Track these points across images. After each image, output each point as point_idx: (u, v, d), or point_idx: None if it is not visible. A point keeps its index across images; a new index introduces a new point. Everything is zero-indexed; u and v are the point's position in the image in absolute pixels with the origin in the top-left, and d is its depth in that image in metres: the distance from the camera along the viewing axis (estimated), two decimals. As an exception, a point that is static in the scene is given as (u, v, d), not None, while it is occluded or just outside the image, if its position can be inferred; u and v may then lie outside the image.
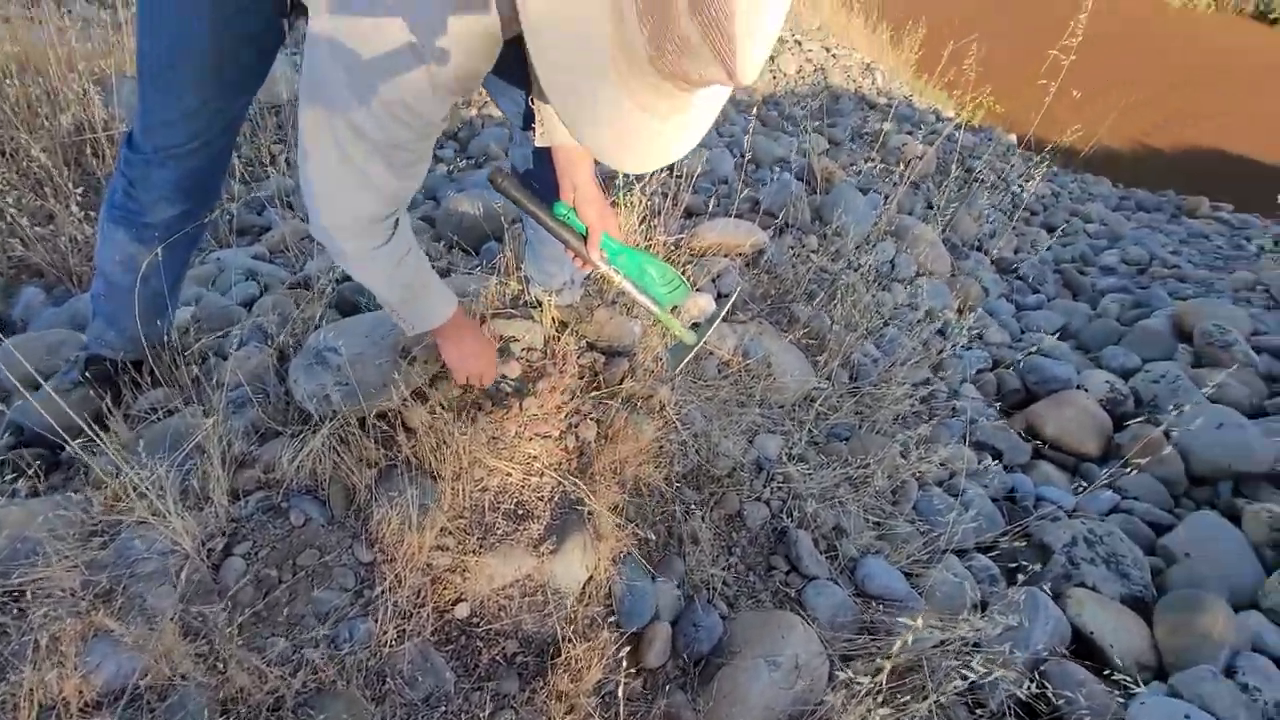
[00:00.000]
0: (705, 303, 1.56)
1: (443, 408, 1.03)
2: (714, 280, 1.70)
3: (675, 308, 1.06)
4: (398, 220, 0.79)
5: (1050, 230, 3.68)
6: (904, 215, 2.77)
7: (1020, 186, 4.28)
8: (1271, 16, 10.32)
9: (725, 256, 1.86)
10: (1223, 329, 2.13)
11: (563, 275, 1.24)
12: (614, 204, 1.72)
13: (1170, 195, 5.16)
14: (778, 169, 2.77)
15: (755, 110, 4.05)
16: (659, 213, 1.92)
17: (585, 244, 0.93)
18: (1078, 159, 5.88)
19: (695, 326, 0.98)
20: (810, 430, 1.51)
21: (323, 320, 1.27)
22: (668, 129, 0.66)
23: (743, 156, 2.90)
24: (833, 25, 6.38)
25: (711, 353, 1.45)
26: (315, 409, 0.97)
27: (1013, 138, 5.53)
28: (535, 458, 1.09)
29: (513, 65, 0.75)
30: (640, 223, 1.82)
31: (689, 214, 2.19)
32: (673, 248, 1.75)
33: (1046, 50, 2.94)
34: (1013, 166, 4.60)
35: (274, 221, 1.95)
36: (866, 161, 3.64)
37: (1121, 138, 7.02)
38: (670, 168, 2.53)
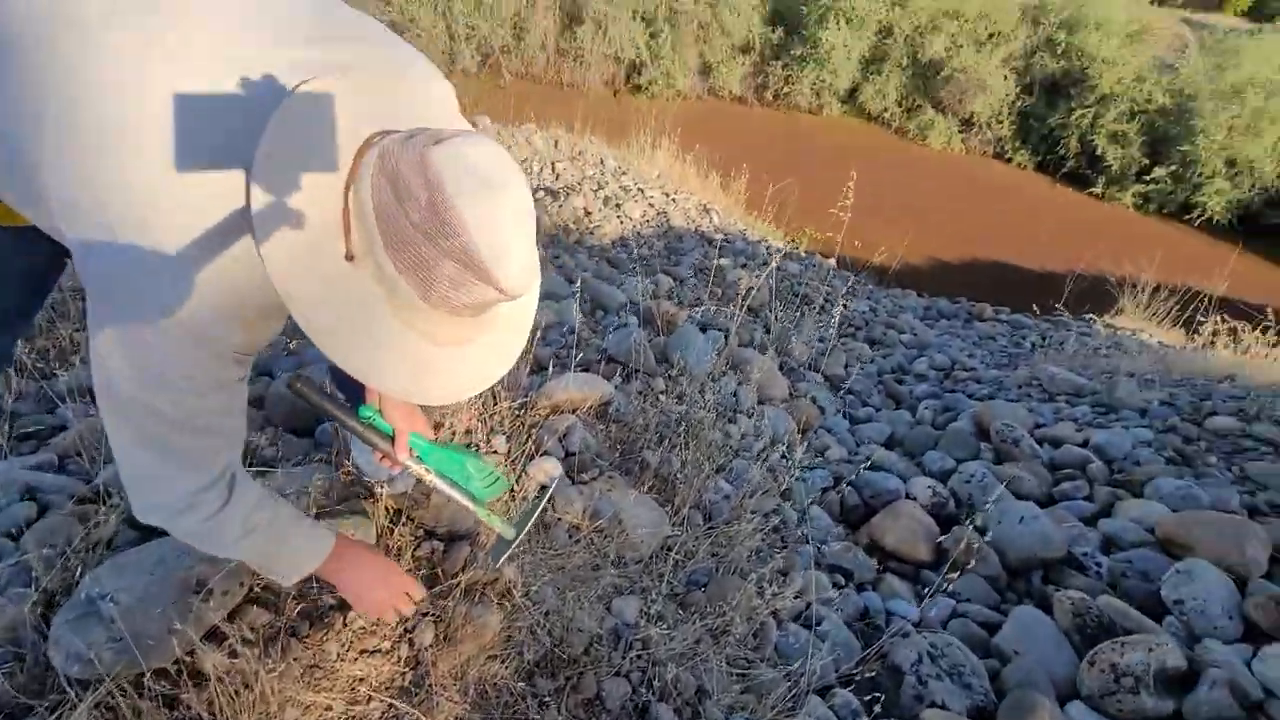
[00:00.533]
0: (551, 467, 1.57)
1: (246, 643, 0.93)
2: (561, 439, 1.73)
3: (501, 501, 1.05)
4: (233, 478, 0.73)
5: (872, 344, 4.16)
6: (743, 348, 3.03)
7: (844, 306, 4.88)
8: (1007, 157, 13.04)
9: (574, 412, 1.91)
10: (1010, 427, 2.47)
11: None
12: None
13: (963, 302, 6.08)
14: (624, 313, 2.96)
15: (603, 255, 4.37)
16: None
17: (393, 445, 0.92)
18: (888, 275, 6.86)
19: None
20: (669, 582, 1.52)
21: (113, 543, 1.13)
22: (475, 351, 0.70)
23: (590, 304, 3.08)
24: (670, 174, 7.18)
25: (549, 527, 1.45)
26: (79, 674, 0.83)
27: (832, 262, 6.36)
28: (361, 680, 0.99)
29: None
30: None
31: (539, 367, 2.26)
32: (519, 410, 1.77)
33: (844, 189, 3.49)
34: (835, 288, 5.25)
35: (68, 420, 1.74)
36: (708, 296, 4.00)
37: (919, 255, 8.31)
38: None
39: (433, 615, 1.11)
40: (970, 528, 1.84)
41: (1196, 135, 11.47)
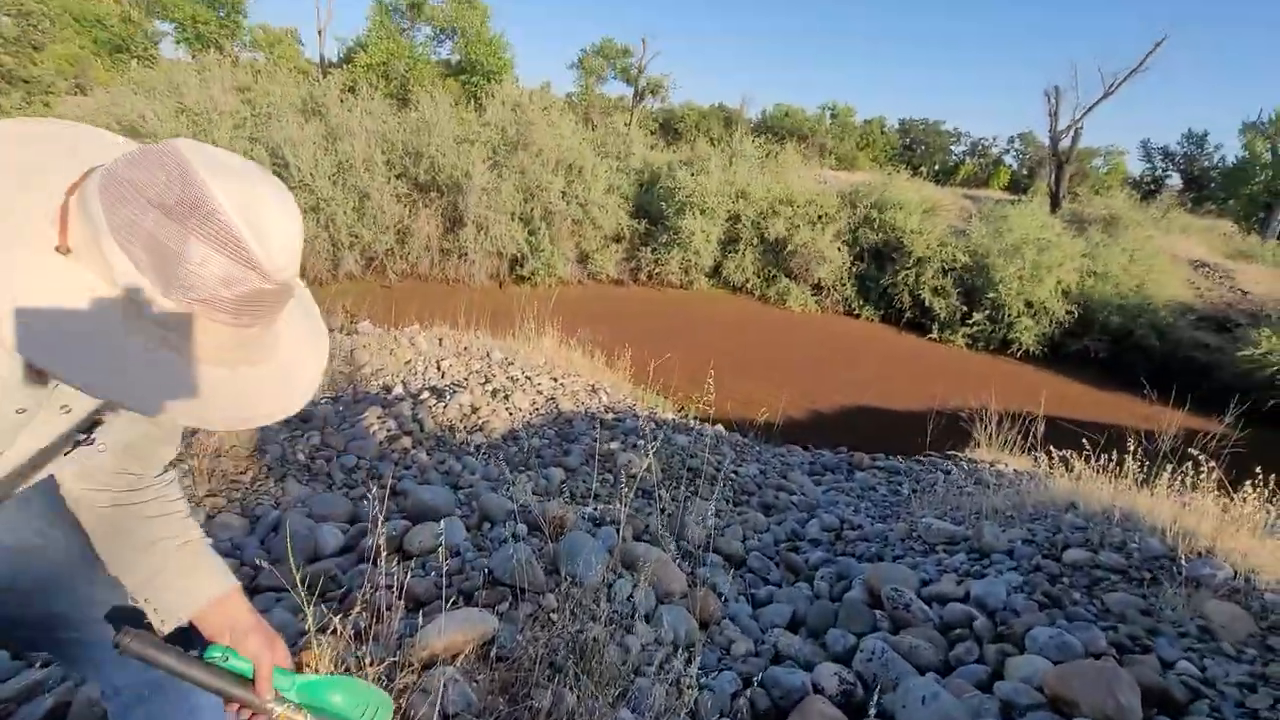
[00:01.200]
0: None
1: None
2: (438, 702, 1.56)
3: None
4: None
5: (766, 509, 4.26)
6: (637, 541, 3.00)
7: (734, 473, 5.04)
8: (856, 313, 14.88)
9: (454, 659, 1.76)
10: (899, 592, 2.54)
11: None
12: (303, 633, 1.57)
13: (844, 452, 6.47)
14: (511, 522, 2.87)
15: (493, 453, 4.31)
16: (378, 617, 1.80)
17: (253, 687, 0.78)
18: (773, 432, 7.25)
19: None
20: None
21: None
22: (258, 374, 0.62)
23: (477, 515, 2.97)
24: (556, 359, 7.45)
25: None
26: None
27: (719, 428, 6.66)
28: None
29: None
30: (349, 645, 1.67)
31: (417, 605, 2.09)
32: (388, 672, 1.60)
33: (722, 356, 3.75)
34: (724, 455, 5.45)
35: None
36: (599, 483, 4.00)
37: (797, 408, 8.92)
38: (400, 554, 2.46)
39: None
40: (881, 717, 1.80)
41: (997, 285, 13.74)
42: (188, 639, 0.80)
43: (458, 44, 26.37)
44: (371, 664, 1.57)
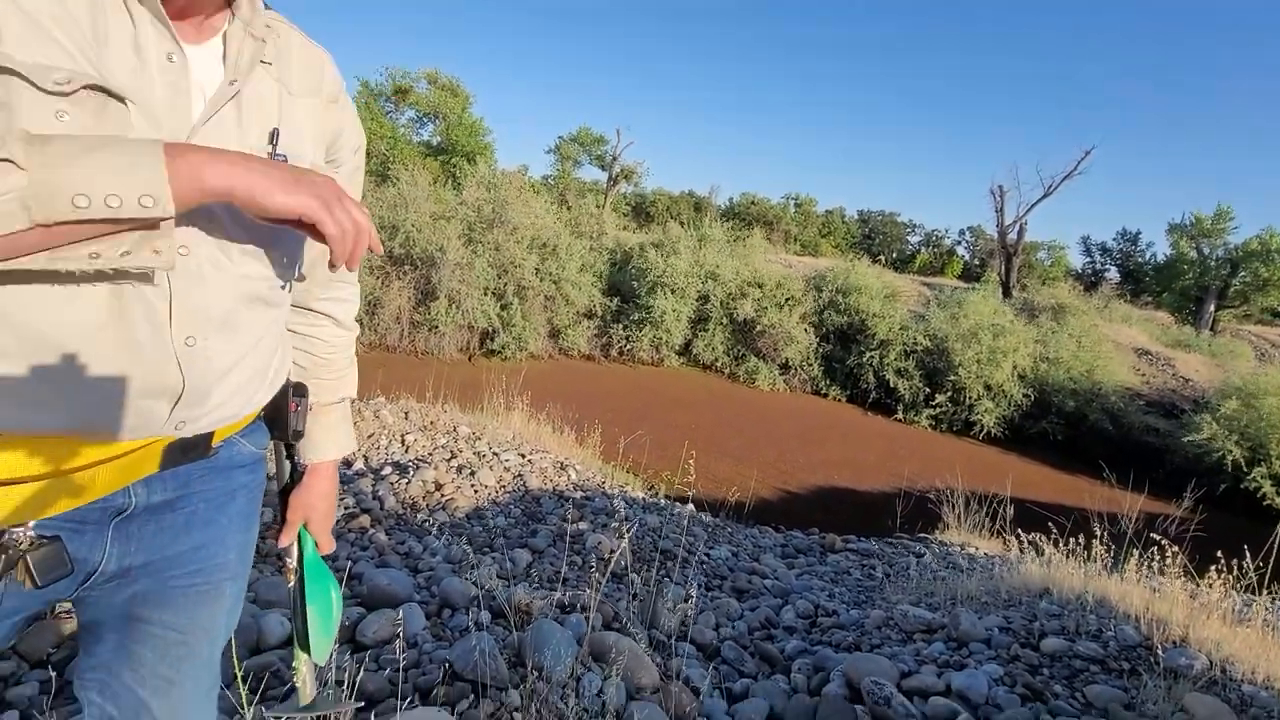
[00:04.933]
0: None
1: None
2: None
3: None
4: None
5: (739, 595, 4.13)
6: (607, 630, 2.85)
7: (706, 556, 4.90)
8: (823, 392, 15.14)
9: (405, 768, 1.60)
10: (880, 685, 2.44)
11: None
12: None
13: (816, 534, 6.39)
14: (474, 609, 2.71)
15: (458, 533, 4.13)
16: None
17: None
18: (744, 513, 7.15)
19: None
20: None
21: None
22: None
23: (438, 603, 2.81)
24: (525, 434, 7.33)
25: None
26: None
27: (690, 508, 6.55)
28: None
29: None
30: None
31: (369, 702, 1.92)
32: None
33: (691, 433, 3.72)
34: (695, 536, 5.32)
35: None
36: (567, 566, 3.84)
37: (768, 488, 8.86)
38: (353, 645, 2.29)
39: None
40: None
41: (957, 368, 14.21)
42: None
43: (439, 127, 27.43)
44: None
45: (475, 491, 5.12)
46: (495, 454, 6.12)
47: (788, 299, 16.27)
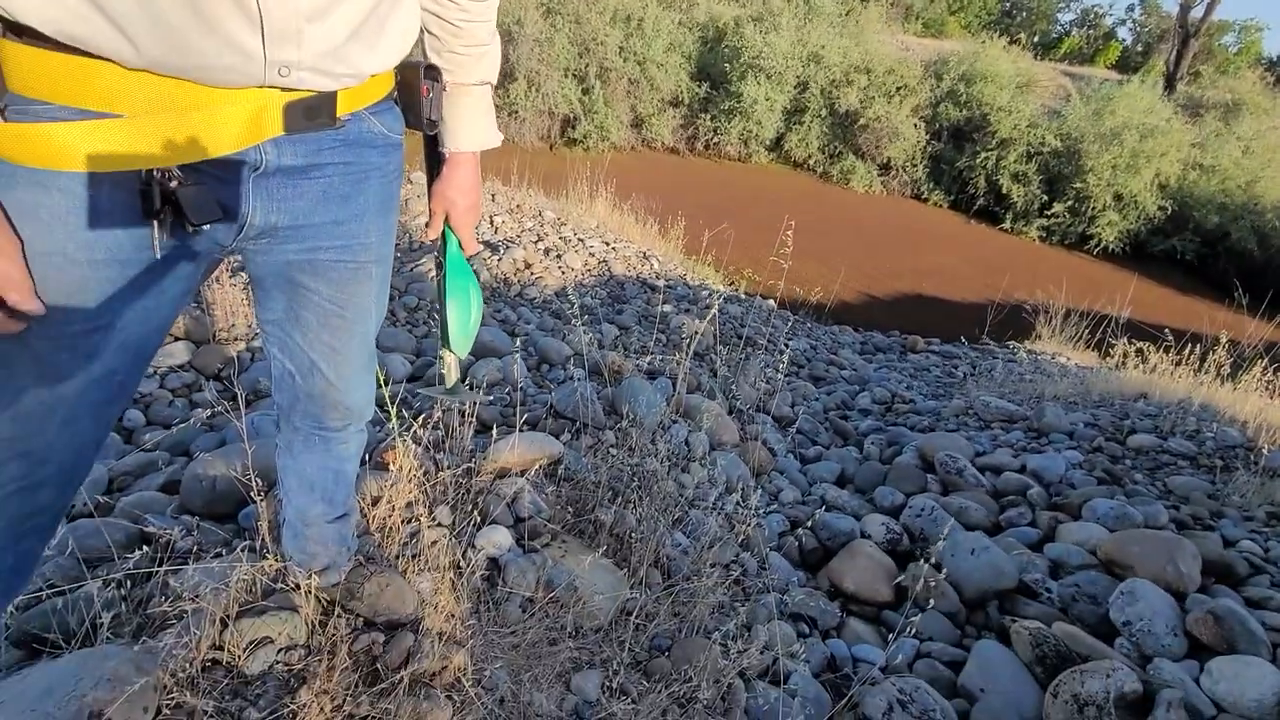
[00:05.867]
0: (501, 538, 1.49)
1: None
2: (510, 505, 1.65)
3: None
4: None
5: (816, 381, 4.25)
6: (692, 394, 3.03)
7: (785, 345, 4.99)
8: (924, 197, 13.93)
9: (523, 474, 1.84)
10: (953, 457, 2.53)
11: (326, 555, 1.11)
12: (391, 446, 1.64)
13: (897, 335, 6.32)
14: (570, 366, 2.92)
15: (547, 308, 4.34)
16: (450, 433, 1.88)
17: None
18: (824, 313, 7.10)
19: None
20: (630, 649, 1.45)
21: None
22: None
23: (536, 358, 3.03)
24: (609, 223, 7.28)
25: (499, 604, 1.37)
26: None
27: (771, 303, 6.54)
28: (294, 804, 0.88)
29: None
30: (428, 451, 1.76)
31: (484, 428, 2.18)
32: (463, 477, 1.69)
33: (777, 234, 3.61)
34: (776, 329, 5.38)
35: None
36: (654, 343, 4.01)
37: (852, 292, 8.66)
38: (465, 383, 2.54)
39: (372, 717, 1.01)
40: (926, 565, 1.85)
41: (1086, 174, 12.58)
42: None
43: None
44: (449, 468, 1.66)
45: (562, 273, 5.27)
46: (580, 239, 6.17)
47: (899, 88, 14.34)
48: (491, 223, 6.16)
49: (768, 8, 15.71)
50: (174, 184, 0.59)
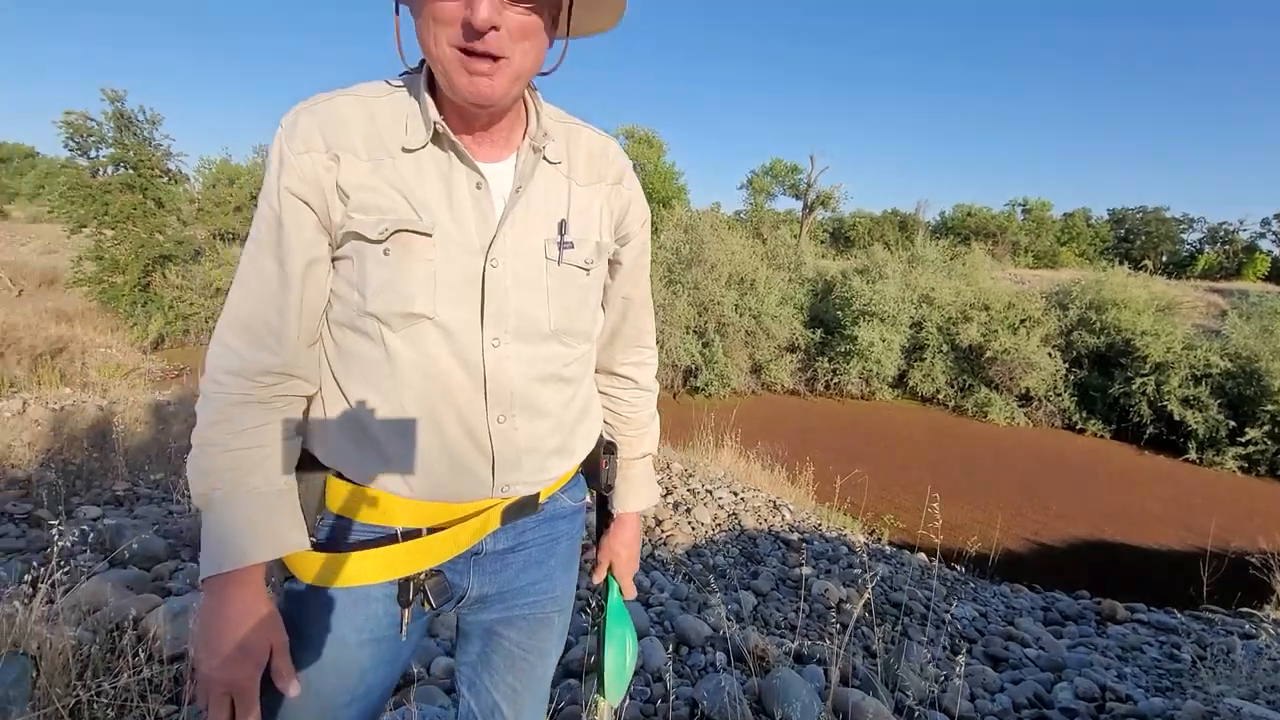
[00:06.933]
0: None
1: None
2: None
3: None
4: (285, 387, 0.74)
5: (994, 663, 3.61)
6: (846, 687, 2.67)
7: (950, 614, 4.38)
8: (1079, 427, 12.87)
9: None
10: (1218, 803, 1.93)
11: None
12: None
13: (1087, 598, 5.39)
14: (710, 648, 2.73)
15: (679, 570, 4.23)
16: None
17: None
18: (990, 568, 6.27)
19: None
20: None
21: None
22: None
23: (675, 638, 2.88)
24: (735, 472, 7.32)
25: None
26: None
27: (923, 557, 5.93)
28: None
29: None
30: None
31: (624, 732, 2.02)
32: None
33: (916, 474, 3.40)
34: (933, 590, 4.79)
35: None
36: (795, 612, 3.70)
37: (1015, 539, 7.70)
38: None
39: None
40: None
41: (1276, 394, 11.20)
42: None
43: (640, 177, 29.33)
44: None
45: (692, 529, 5.22)
46: (708, 491, 6.19)
47: (1023, 320, 14.28)
48: (623, 476, 6.40)
49: (871, 259, 17.02)
50: (422, 577, 0.79)
